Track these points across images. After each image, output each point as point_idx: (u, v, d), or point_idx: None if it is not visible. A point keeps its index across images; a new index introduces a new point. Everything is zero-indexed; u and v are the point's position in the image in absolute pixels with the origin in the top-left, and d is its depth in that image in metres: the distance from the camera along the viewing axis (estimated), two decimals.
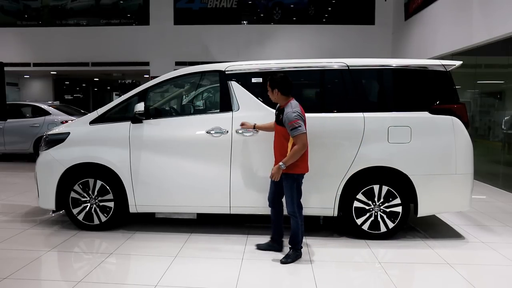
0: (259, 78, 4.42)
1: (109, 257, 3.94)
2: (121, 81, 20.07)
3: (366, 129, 4.26)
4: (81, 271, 3.62)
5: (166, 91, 5.32)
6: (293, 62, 4.56)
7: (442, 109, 4.29)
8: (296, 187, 3.79)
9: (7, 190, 6.78)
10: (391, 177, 4.31)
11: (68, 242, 4.33)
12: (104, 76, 18.51)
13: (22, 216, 5.28)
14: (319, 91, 4.82)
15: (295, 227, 3.85)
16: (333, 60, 4.48)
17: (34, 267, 3.72)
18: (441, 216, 5.23)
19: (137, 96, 4.63)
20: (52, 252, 4.07)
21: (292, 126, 3.62)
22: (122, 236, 4.50)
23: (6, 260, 3.85)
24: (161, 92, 5.34)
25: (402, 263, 3.90)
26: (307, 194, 4.12)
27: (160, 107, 4.89)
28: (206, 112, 5.44)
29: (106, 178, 4.58)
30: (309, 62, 4.53)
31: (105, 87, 21.12)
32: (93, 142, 4.58)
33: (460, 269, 3.70)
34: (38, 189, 4.71)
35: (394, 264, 3.87)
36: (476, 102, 8.81)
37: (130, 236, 4.52)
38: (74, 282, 3.38)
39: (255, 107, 4.41)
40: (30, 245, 4.28)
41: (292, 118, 3.62)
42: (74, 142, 4.61)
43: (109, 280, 3.51)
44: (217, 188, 4.40)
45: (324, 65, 4.50)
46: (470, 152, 4.32)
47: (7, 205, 5.84)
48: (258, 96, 4.41)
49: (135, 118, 4.49)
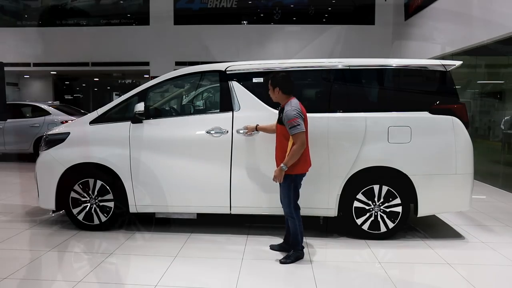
0: (260, 78, 4.40)
1: (109, 257, 3.94)
2: (121, 81, 20.07)
3: (367, 129, 4.26)
4: (81, 271, 3.62)
5: (166, 91, 5.31)
6: (294, 62, 4.57)
7: (442, 109, 4.29)
8: (293, 188, 3.78)
9: (7, 190, 6.78)
10: (391, 177, 4.31)
11: (68, 242, 4.33)
12: (104, 76, 18.50)
13: (22, 216, 5.28)
14: (320, 90, 4.82)
15: (293, 228, 3.84)
16: (333, 60, 4.48)
17: (34, 267, 3.72)
18: (441, 216, 5.23)
19: (137, 96, 4.62)
20: (52, 252, 4.07)
21: (291, 125, 3.61)
22: (122, 236, 4.50)
23: (6, 260, 3.85)
24: (161, 92, 5.33)
25: (402, 263, 3.90)
26: (307, 195, 4.12)
27: (160, 107, 4.89)
28: (206, 112, 5.45)
29: (106, 178, 4.58)
30: (310, 62, 4.53)
31: (105, 87, 21.10)
32: (93, 142, 4.58)
33: (460, 269, 3.70)
34: (38, 189, 4.70)
35: (394, 264, 3.87)
36: (476, 102, 8.81)
37: (130, 236, 4.52)
38: (74, 282, 3.38)
39: (256, 107, 4.40)
40: (30, 245, 4.29)
41: (291, 116, 3.62)
42: (74, 142, 4.61)
43: (109, 280, 3.51)
44: (217, 188, 4.40)
45: (325, 65, 4.50)
46: (470, 152, 4.32)
47: (7, 205, 5.84)
48: (259, 96, 4.40)
49: (135, 118, 4.48)
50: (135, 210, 4.57)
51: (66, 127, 4.89)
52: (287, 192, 3.77)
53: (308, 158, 3.84)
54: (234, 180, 4.37)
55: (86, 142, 4.59)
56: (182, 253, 4.04)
